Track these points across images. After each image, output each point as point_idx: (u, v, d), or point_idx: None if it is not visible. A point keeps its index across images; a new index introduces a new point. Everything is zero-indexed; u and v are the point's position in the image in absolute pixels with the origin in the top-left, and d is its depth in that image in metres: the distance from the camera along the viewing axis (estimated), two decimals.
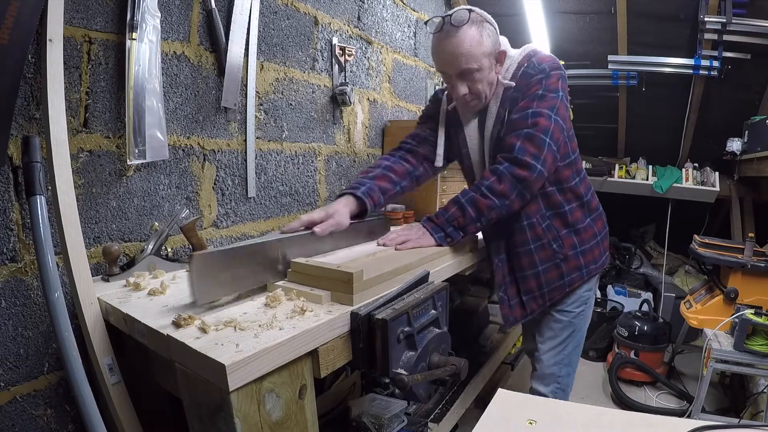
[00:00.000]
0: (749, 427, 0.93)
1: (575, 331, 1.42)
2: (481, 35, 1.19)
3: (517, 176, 1.19)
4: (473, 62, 1.19)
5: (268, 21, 1.55)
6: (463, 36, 1.17)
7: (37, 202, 0.89)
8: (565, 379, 1.42)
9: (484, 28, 1.20)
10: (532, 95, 1.22)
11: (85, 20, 1.07)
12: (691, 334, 2.48)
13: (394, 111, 2.31)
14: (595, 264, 1.40)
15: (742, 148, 2.71)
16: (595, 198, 1.43)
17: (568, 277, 1.36)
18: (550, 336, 1.43)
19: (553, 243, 1.32)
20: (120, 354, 0.98)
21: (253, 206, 1.57)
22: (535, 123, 1.19)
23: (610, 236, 1.51)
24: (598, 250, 1.40)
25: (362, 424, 1.37)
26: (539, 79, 1.22)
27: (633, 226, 3.51)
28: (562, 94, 1.24)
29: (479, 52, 1.19)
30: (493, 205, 1.20)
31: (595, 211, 1.41)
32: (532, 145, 1.19)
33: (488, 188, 1.20)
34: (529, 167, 1.18)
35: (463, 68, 1.20)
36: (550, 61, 1.25)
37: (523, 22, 2.79)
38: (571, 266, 1.35)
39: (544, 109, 1.20)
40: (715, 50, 2.60)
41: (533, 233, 1.32)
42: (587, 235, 1.36)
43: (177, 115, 1.30)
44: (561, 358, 1.42)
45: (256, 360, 0.70)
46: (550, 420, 0.69)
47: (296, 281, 0.98)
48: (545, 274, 1.34)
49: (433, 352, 0.95)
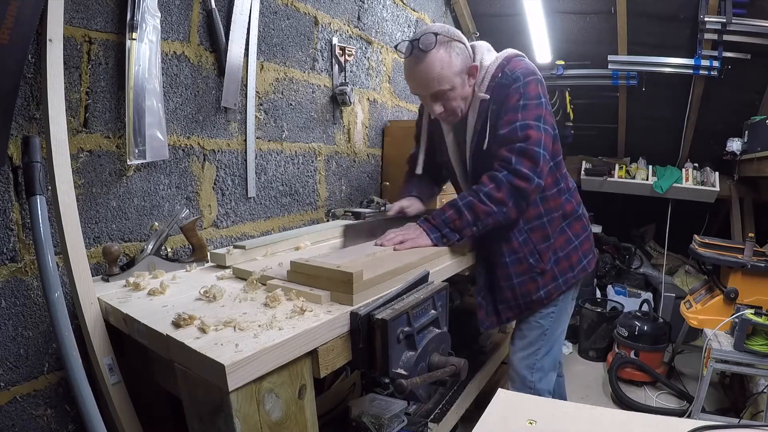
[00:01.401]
0: (749, 427, 0.93)
1: (545, 334, 1.40)
2: (450, 56, 1.20)
3: (516, 186, 1.20)
4: (445, 83, 1.22)
5: (268, 21, 1.55)
6: (432, 60, 1.19)
7: (37, 202, 0.89)
8: (537, 384, 1.40)
9: (452, 48, 1.21)
10: (514, 107, 1.22)
11: (85, 20, 1.07)
12: (691, 334, 2.48)
13: (394, 111, 2.31)
14: (573, 271, 1.38)
15: (742, 148, 2.71)
16: (573, 198, 1.41)
17: (545, 290, 1.35)
18: (519, 336, 1.44)
19: (529, 257, 1.32)
20: (120, 354, 0.98)
21: (253, 206, 1.57)
22: (527, 137, 1.20)
23: (610, 236, 1.51)
24: (575, 256, 1.38)
25: (362, 424, 1.37)
26: (516, 88, 1.22)
27: (633, 226, 3.50)
28: (544, 100, 1.24)
29: (450, 73, 1.21)
30: (490, 212, 1.21)
31: (571, 216, 1.39)
32: (528, 160, 1.20)
33: (486, 195, 1.21)
34: (528, 179, 1.20)
35: (436, 90, 1.23)
36: (523, 68, 1.24)
37: (523, 22, 2.79)
38: (548, 278, 1.35)
39: (530, 120, 1.21)
40: (715, 50, 2.60)
41: (509, 246, 1.33)
42: (559, 243, 1.35)
43: (177, 115, 1.30)
44: (532, 362, 1.40)
45: (256, 360, 0.70)
46: (550, 420, 0.69)
47: (296, 281, 0.98)
48: (521, 287, 1.35)
49: (433, 352, 0.95)
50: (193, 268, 1.19)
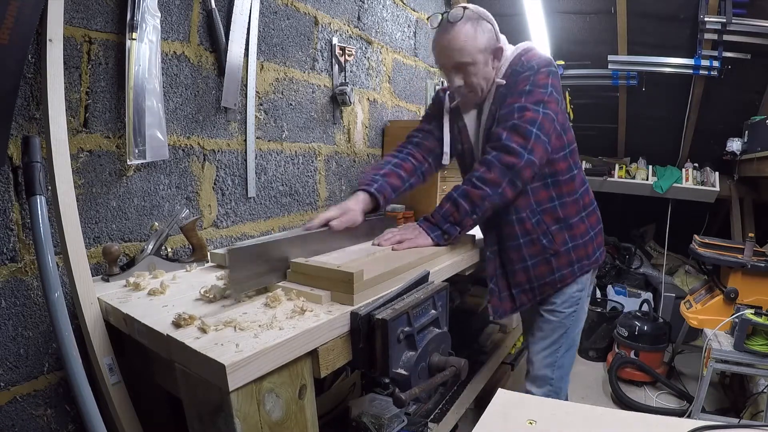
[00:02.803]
0: (749, 427, 0.93)
1: (566, 333, 1.41)
2: (475, 31, 1.24)
3: (506, 163, 1.20)
4: (466, 56, 1.24)
5: (268, 21, 1.55)
6: (457, 31, 1.23)
7: (37, 202, 0.89)
8: (558, 382, 1.41)
9: (480, 25, 1.24)
10: (519, 91, 1.24)
11: (85, 20, 1.07)
12: (691, 334, 2.48)
13: (394, 111, 2.31)
14: (588, 260, 1.39)
15: (742, 148, 2.71)
16: (590, 193, 1.43)
17: (559, 273, 1.35)
18: (541, 336, 1.43)
19: (542, 238, 1.32)
20: (120, 354, 0.98)
21: (253, 206, 1.57)
22: (522, 115, 1.21)
23: (610, 236, 1.51)
24: (591, 246, 1.40)
25: (362, 424, 1.37)
26: (527, 76, 1.24)
27: (633, 226, 3.50)
28: (551, 90, 1.25)
29: (472, 47, 1.24)
30: (485, 195, 1.21)
31: (589, 206, 1.41)
32: (517, 135, 1.20)
33: (479, 178, 1.21)
34: (516, 154, 1.19)
35: (457, 61, 1.25)
36: (540, 59, 1.27)
37: (523, 22, 2.79)
38: (563, 262, 1.35)
39: (530, 103, 1.22)
40: (715, 50, 2.60)
41: (522, 228, 1.32)
42: (579, 231, 1.36)
43: (177, 115, 1.30)
44: (553, 360, 1.41)
45: (256, 360, 0.70)
46: (550, 420, 0.69)
47: (296, 281, 0.98)
48: (534, 269, 1.34)
49: (433, 352, 0.95)
50: (193, 268, 1.19)
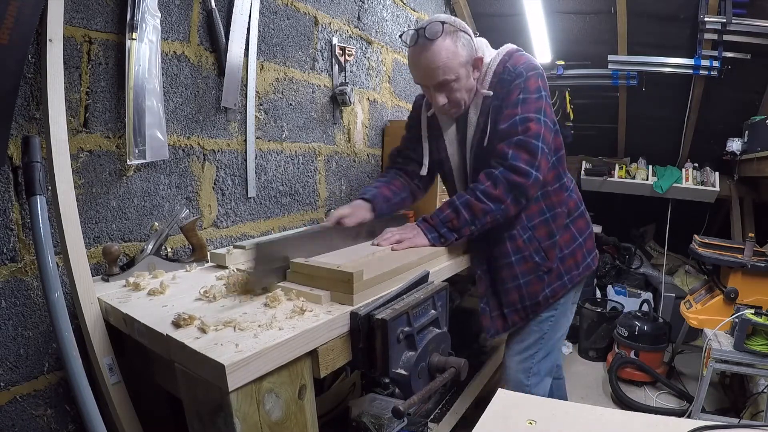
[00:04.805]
0: (749, 427, 0.93)
1: (544, 338, 1.36)
2: (456, 46, 1.19)
3: (513, 182, 1.18)
4: (450, 74, 1.20)
5: (268, 21, 1.55)
6: (438, 48, 1.17)
7: (37, 202, 0.89)
8: (533, 388, 1.35)
9: (459, 38, 1.19)
10: (514, 101, 1.21)
11: (85, 20, 1.07)
12: (691, 334, 2.48)
13: (394, 111, 2.31)
14: (578, 269, 1.36)
15: (742, 148, 2.71)
16: (574, 195, 1.39)
17: (550, 289, 1.32)
18: (517, 340, 1.38)
19: (535, 255, 1.29)
20: (120, 354, 0.98)
21: (253, 206, 1.57)
22: (526, 129, 1.19)
23: (610, 236, 1.50)
24: (580, 253, 1.36)
25: (362, 424, 1.37)
26: (518, 84, 1.21)
27: (633, 226, 3.50)
28: (544, 94, 1.23)
29: (455, 63, 1.19)
30: (488, 210, 1.19)
31: (575, 211, 1.37)
32: (525, 153, 1.18)
33: (483, 192, 1.20)
34: (525, 174, 1.18)
35: (441, 80, 1.21)
36: (525, 63, 1.24)
37: (523, 22, 2.79)
38: (554, 277, 1.32)
39: (531, 113, 1.20)
40: (715, 50, 2.59)
41: (514, 245, 1.29)
42: (564, 239, 1.33)
43: (177, 115, 1.30)
44: (528, 366, 1.36)
45: (256, 360, 0.70)
46: (550, 420, 0.69)
47: (296, 281, 0.98)
48: (527, 287, 1.31)
49: (433, 352, 0.95)
50: (193, 268, 1.19)
